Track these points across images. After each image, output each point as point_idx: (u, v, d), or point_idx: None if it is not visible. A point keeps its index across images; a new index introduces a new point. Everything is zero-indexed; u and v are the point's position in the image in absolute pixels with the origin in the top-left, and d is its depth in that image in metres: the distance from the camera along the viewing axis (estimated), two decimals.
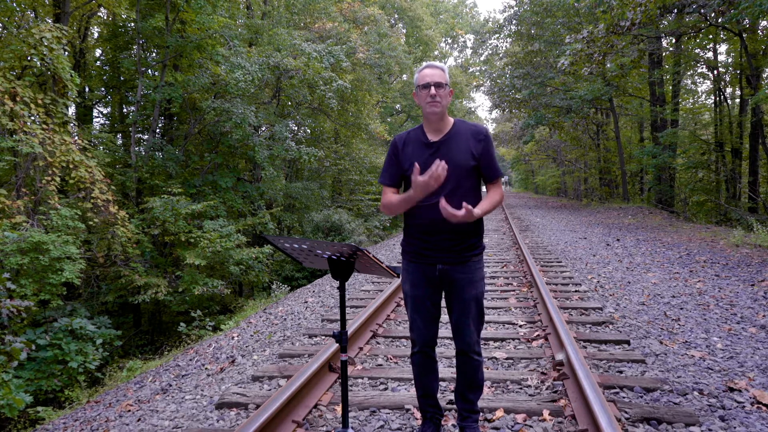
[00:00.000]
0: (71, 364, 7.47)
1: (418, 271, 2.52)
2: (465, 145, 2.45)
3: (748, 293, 5.88)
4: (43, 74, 9.98)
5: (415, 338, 2.59)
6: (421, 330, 2.56)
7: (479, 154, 2.46)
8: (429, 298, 2.53)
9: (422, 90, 2.42)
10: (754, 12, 9.88)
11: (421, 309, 2.54)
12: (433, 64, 2.45)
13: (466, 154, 2.44)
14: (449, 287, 2.50)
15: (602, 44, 13.54)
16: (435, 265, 2.47)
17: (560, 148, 35.11)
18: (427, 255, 2.48)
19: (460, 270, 2.46)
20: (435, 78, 2.39)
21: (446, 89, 2.42)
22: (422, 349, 2.59)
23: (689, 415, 2.83)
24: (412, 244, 2.53)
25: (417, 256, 2.51)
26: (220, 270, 11.49)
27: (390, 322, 5.17)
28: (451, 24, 41.83)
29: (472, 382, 2.59)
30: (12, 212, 8.14)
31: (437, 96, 2.38)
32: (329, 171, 21.74)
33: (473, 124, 2.53)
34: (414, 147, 2.50)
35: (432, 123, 2.48)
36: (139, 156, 13.28)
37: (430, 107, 2.40)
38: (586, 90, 20.94)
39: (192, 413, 3.35)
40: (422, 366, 2.61)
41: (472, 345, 2.53)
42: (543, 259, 8.88)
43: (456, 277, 2.46)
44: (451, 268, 2.46)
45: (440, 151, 2.44)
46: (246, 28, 17.01)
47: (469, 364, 2.56)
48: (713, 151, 19.37)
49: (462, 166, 2.42)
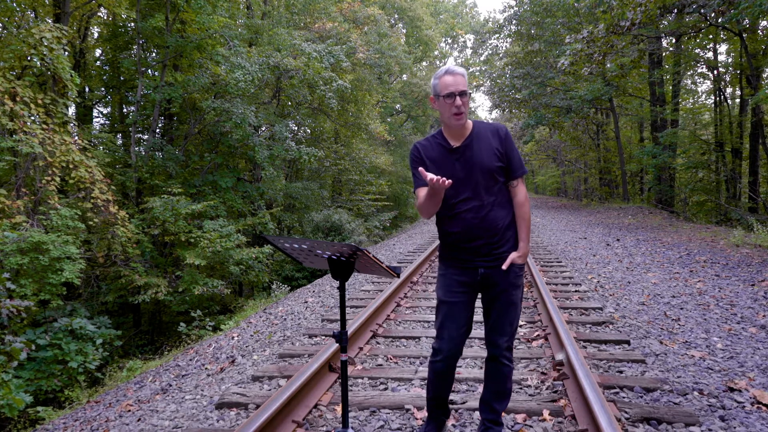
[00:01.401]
0: (71, 364, 7.46)
1: (456, 275, 2.45)
2: (488, 146, 2.39)
3: (748, 293, 5.87)
4: (43, 74, 9.97)
5: (441, 348, 2.47)
6: (450, 339, 2.45)
7: (503, 153, 2.41)
8: (465, 305, 2.46)
9: (446, 100, 2.29)
10: (754, 12, 9.88)
11: (454, 316, 2.45)
12: (454, 70, 2.30)
13: (491, 156, 2.38)
14: (489, 291, 2.45)
15: (602, 44, 13.54)
16: (477, 269, 2.42)
17: (560, 148, 35.13)
18: (467, 259, 2.43)
19: (503, 274, 2.41)
20: (459, 86, 2.27)
21: (469, 96, 2.34)
22: (447, 359, 2.48)
23: (689, 415, 2.83)
24: (451, 252, 2.46)
25: (456, 261, 2.46)
26: (220, 270, 11.49)
27: (390, 322, 5.17)
28: (451, 24, 41.82)
29: (501, 391, 2.53)
30: (12, 212, 8.13)
31: (463, 106, 2.29)
32: (329, 171, 21.74)
33: (491, 124, 2.47)
34: (437, 154, 2.43)
35: (453, 129, 2.41)
36: (139, 156, 13.28)
37: (456, 120, 2.31)
38: (586, 90, 20.95)
39: (192, 413, 3.35)
40: (442, 375, 2.53)
41: (504, 351, 2.48)
42: (543, 259, 8.88)
43: (498, 280, 2.41)
44: (493, 272, 2.41)
45: (464, 156, 2.39)
46: (246, 28, 17.00)
47: (500, 370, 2.50)
48: (713, 151, 19.37)
49: (488, 168, 2.37)
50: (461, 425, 2.91)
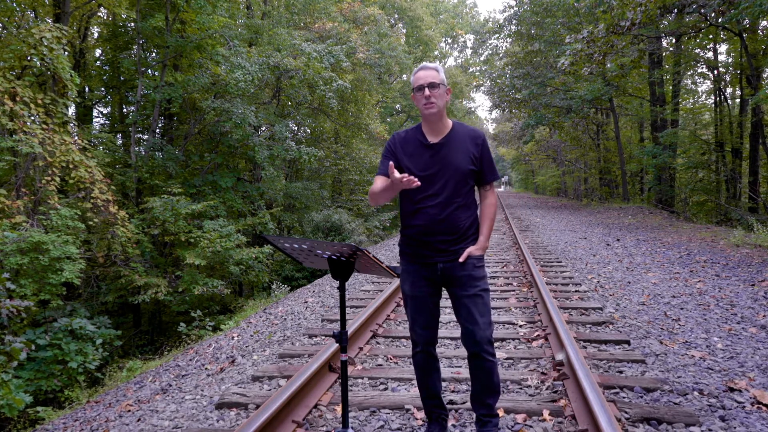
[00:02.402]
0: (71, 364, 7.46)
1: (418, 271, 2.52)
2: (464, 149, 2.47)
3: (749, 293, 5.87)
4: (43, 74, 9.98)
5: (417, 339, 2.58)
6: (422, 330, 2.56)
7: (478, 158, 2.49)
8: (430, 297, 2.54)
9: (417, 92, 2.44)
10: (754, 12, 9.89)
11: (422, 309, 2.54)
12: (426, 66, 2.46)
13: (465, 158, 2.46)
14: (452, 286, 2.50)
15: (602, 44, 13.54)
16: (436, 265, 2.48)
17: (560, 148, 35.11)
18: (426, 255, 2.49)
19: (461, 267, 2.46)
20: (428, 79, 2.41)
21: (441, 89, 2.43)
22: (424, 348, 2.58)
23: (689, 415, 2.83)
24: (411, 246, 2.54)
25: (416, 257, 2.52)
26: (220, 270, 11.49)
27: (390, 322, 5.17)
28: (451, 24, 41.82)
29: (488, 386, 2.51)
30: (12, 212, 8.14)
31: (432, 96, 2.40)
32: (329, 171, 21.74)
33: (471, 128, 2.55)
34: (413, 147, 2.51)
35: (430, 123, 2.50)
36: (139, 156, 13.28)
37: (426, 109, 2.43)
38: (586, 90, 20.94)
39: (192, 413, 3.35)
40: (424, 366, 2.61)
41: (483, 345, 2.44)
42: (543, 259, 8.88)
43: (458, 274, 2.46)
44: (451, 266, 2.46)
45: (440, 154, 2.46)
46: (246, 28, 17.01)
47: (483, 366, 2.47)
48: (713, 151, 19.37)
49: (461, 170, 2.45)
50: (461, 425, 2.91)
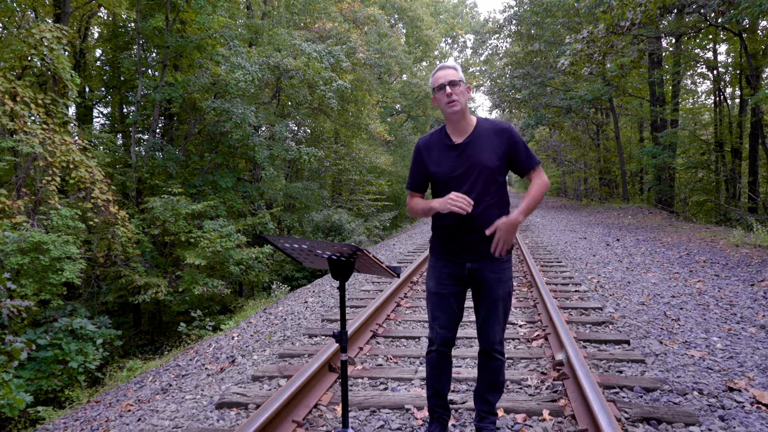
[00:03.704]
0: (71, 364, 7.47)
1: (446, 268, 2.51)
2: (489, 146, 2.43)
3: (748, 293, 5.88)
4: (44, 74, 9.97)
5: (435, 337, 2.55)
6: (442, 328, 2.52)
7: (506, 152, 2.44)
8: (454, 296, 2.52)
9: (438, 92, 2.41)
10: (754, 12, 9.89)
11: (444, 307, 2.51)
12: (445, 65, 2.44)
13: (491, 155, 2.42)
14: (478, 286, 2.49)
15: (602, 44, 13.54)
16: (464, 264, 2.46)
17: (560, 148, 35.11)
18: (455, 253, 2.48)
19: (489, 268, 2.45)
20: (449, 77, 2.38)
21: (462, 86, 2.40)
22: (440, 348, 2.54)
23: (689, 414, 2.83)
24: (441, 243, 2.53)
25: (446, 254, 2.51)
26: (220, 270, 11.49)
27: (390, 322, 5.17)
28: (451, 24, 41.84)
29: (493, 383, 2.58)
30: (12, 212, 8.14)
31: (453, 94, 2.37)
32: (329, 171, 21.75)
33: (495, 122, 2.49)
34: (438, 150, 2.48)
35: (454, 123, 2.46)
36: (139, 156, 13.28)
37: (449, 108, 2.39)
38: (586, 90, 20.95)
39: (192, 413, 3.35)
40: (437, 365, 2.58)
41: (495, 345, 2.53)
42: (543, 259, 8.88)
43: (485, 275, 2.45)
44: (480, 266, 2.45)
45: (465, 153, 2.43)
46: (246, 28, 17.01)
47: (492, 364, 2.56)
48: (713, 151, 19.38)
49: (488, 168, 2.41)
50: (461, 425, 2.91)
